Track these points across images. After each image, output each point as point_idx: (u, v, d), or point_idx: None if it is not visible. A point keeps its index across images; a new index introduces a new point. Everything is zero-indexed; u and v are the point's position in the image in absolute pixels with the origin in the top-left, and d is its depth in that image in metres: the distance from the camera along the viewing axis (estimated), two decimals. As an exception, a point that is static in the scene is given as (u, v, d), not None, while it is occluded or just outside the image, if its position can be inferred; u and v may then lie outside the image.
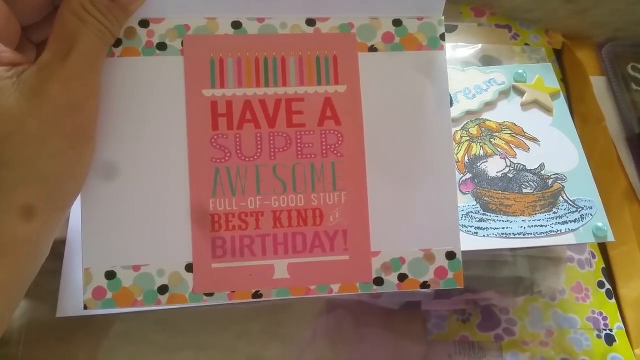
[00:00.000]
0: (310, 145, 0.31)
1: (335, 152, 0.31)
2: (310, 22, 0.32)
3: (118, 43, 0.30)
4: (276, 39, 0.31)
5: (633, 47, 0.54)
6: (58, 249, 0.34)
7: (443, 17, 0.33)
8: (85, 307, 0.30)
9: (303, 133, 0.31)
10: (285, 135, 0.31)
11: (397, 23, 0.32)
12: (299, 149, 0.31)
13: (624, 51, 0.53)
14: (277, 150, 0.31)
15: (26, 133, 0.26)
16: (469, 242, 0.35)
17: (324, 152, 0.31)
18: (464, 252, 0.35)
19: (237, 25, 0.31)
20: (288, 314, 0.40)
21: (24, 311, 0.38)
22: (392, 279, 0.31)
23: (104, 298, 0.30)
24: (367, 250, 0.31)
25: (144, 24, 0.31)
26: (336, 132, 0.31)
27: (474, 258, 0.37)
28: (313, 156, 0.31)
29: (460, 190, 0.37)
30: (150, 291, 0.30)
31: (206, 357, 0.39)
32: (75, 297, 0.34)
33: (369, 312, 0.40)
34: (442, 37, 0.32)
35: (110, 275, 0.30)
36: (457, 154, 0.39)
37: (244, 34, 0.31)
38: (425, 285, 0.31)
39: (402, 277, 0.31)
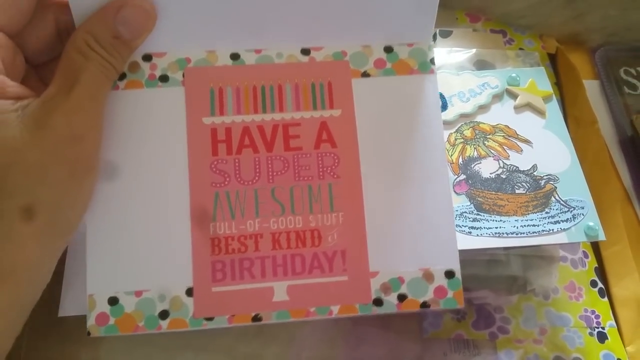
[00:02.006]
0: (307, 167, 0.32)
1: (332, 173, 0.32)
2: (305, 52, 0.33)
3: (122, 77, 0.32)
4: (273, 68, 0.33)
5: (625, 51, 0.54)
6: (61, 250, 0.35)
7: (433, 43, 0.34)
8: (89, 334, 0.30)
9: (300, 156, 0.32)
10: (282, 158, 0.32)
11: (388, 49, 0.33)
12: (297, 171, 0.32)
13: (617, 55, 0.54)
14: (275, 174, 0.32)
15: (27, 163, 0.27)
16: (462, 241, 0.35)
17: (321, 174, 0.32)
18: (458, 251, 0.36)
19: (235, 56, 0.33)
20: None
21: (27, 311, 0.39)
22: (391, 299, 0.31)
23: (107, 324, 0.30)
24: (365, 271, 0.31)
25: (147, 58, 0.32)
26: (332, 154, 0.32)
27: (468, 257, 0.37)
28: (310, 178, 0.32)
29: (455, 191, 0.38)
30: (151, 316, 0.30)
31: (205, 357, 0.39)
32: (77, 297, 0.35)
33: (365, 311, 0.41)
34: (432, 61, 0.34)
35: (113, 301, 0.30)
36: (452, 155, 0.40)
37: (242, 65, 0.33)
38: (425, 305, 0.31)
39: (402, 297, 0.31)
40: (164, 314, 0.30)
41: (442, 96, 0.42)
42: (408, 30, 0.33)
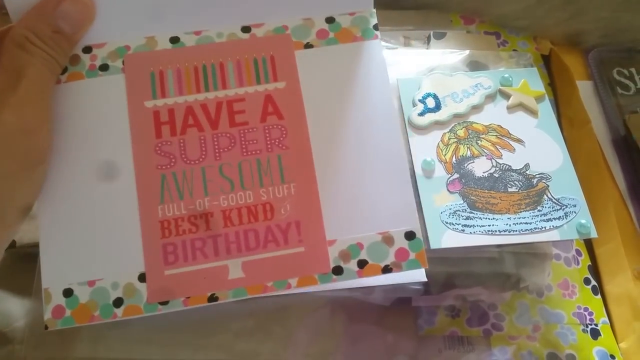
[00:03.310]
0: (255, 141, 0.32)
1: (280, 145, 0.32)
2: (246, 29, 0.33)
3: (64, 70, 0.32)
4: (213, 47, 0.33)
5: (618, 52, 0.55)
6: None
7: (374, 10, 0.34)
8: (46, 327, 0.29)
9: (246, 131, 0.32)
10: (228, 135, 0.32)
11: (330, 20, 0.34)
12: (244, 146, 0.32)
13: (610, 56, 0.55)
14: (221, 150, 0.31)
15: None
16: (456, 239, 0.36)
17: (269, 146, 0.32)
18: (451, 249, 0.36)
19: (175, 40, 0.33)
20: (283, 312, 0.41)
21: (27, 310, 0.40)
22: (351, 266, 0.30)
23: (63, 316, 0.30)
24: (322, 240, 0.31)
25: (87, 49, 0.32)
26: (279, 126, 0.32)
27: (461, 255, 0.38)
28: (258, 152, 0.32)
29: (448, 190, 0.39)
30: (106, 305, 0.30)
31: (203, 355, 0.40)
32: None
33: (361, 308, 0.41)
34: (375, 27, 0.34)
35: (68, 292, 0.30)
36: (445, 155, 0.40)
37: (182, 47, 0.33)
38: (387, 269, 0.30)
39: (362, 264, 0.30)
40: (118, 302, 0.30)
41: (435, 97, 0.42)
42: None
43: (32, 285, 0.40)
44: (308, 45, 0.33)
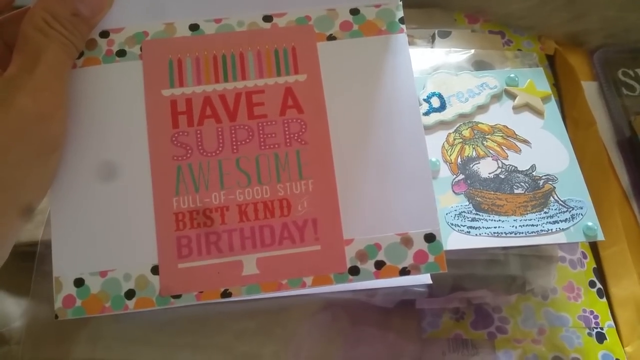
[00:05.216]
0: (273, 135, 0.31)
1: (299, 139, 0.31)
2: (267, 19, 0.32)
3: (80, 54, 0.31)
4: (233, 36, 0.32)
5: (624, 53, 0.55)
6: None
7: (401, 2, 0.33)
8: (57, 317, 0.29)
9: (265, 124, 0.31)
10: (246, 127, 0.31)
11: (355, 12, 0.33)
12: (262, 139, 0.31)
13: (615, 57, 0.54)
14: (239, 143, 0.31)
15: None
16: (461, 241, 0.36)
17: (288, 140, 0.31)
18: (456, 251, 0.36)
19: (194, 27, 0.32)
20: (285, 314, 0.40)
21: (24, 310, 0.39)
22: (368, 267, 0.30)
23: (74, 306, 0.29)
24: (339, 239, 0.30)
25: (104, 34, 0.32)
26: (299, 120, 0.31)
27: (466, 257, 0.37)
28: (276, 146, 0.31)
29: (453, 191, 0.38)
30: (117, 296, 0.29)
31: (203, 356, 0.39)
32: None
33: (364, 310, 0.40)
34: (401, 20, 0.33)
35: (79, 282, 0.29)
36: (450, 155, 0.40)
37: (202, 35, 0.32)
38: (404, 271, 0.30)
39: (379, 265, 0.30)
40: (130, 294, 0.29)
41: (440, 96, 0.42)
42: None
43: (29, 285, 0.39)
44: (331, 37, 0.32)
